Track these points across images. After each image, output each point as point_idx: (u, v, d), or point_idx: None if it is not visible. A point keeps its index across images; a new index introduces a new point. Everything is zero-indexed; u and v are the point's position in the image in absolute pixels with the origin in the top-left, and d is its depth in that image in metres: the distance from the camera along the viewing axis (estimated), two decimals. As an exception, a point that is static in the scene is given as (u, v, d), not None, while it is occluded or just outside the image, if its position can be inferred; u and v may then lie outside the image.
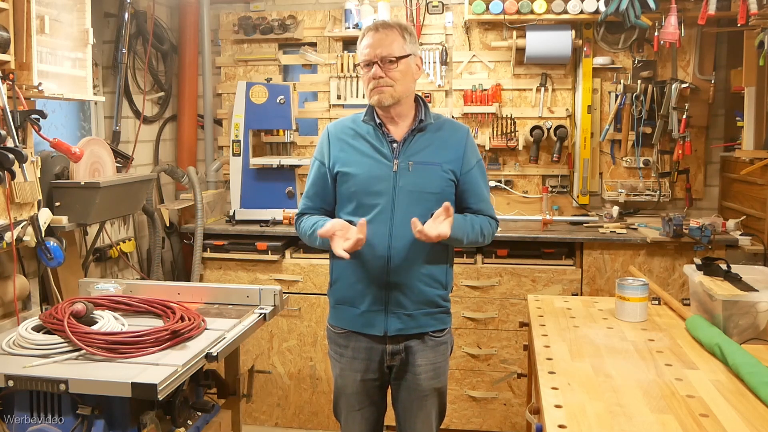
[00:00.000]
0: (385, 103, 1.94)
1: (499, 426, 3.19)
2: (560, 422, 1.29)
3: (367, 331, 2.00)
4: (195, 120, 3.80)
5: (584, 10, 3.31)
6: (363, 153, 1.98)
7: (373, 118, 2.00)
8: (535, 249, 3.14)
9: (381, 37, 1.93)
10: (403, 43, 1.95)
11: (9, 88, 2.05)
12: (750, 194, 3.11)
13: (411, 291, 1.97)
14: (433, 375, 2.03)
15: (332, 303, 2.09)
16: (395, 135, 1.99)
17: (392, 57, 1.92)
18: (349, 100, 3.70)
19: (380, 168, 1.96)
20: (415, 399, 2.05)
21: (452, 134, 2.03)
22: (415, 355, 2.01)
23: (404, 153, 1.97)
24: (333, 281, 2.07)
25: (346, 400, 2.08)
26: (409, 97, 2.01)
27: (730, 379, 1.52)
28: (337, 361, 2.08)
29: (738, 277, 1.85)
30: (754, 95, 3.05)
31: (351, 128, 2.03)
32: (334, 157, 2.01)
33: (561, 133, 3.48)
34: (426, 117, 2.01)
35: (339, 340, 2.07)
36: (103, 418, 1.64)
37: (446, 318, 2.06)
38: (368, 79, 1.95)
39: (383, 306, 1.97)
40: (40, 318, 1.84)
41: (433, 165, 1.97)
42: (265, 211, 3.38)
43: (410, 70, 1.97)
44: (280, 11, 3.76)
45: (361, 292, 1.98)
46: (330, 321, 2.11)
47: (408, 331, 1.99)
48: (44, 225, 2.22)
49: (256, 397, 3.26)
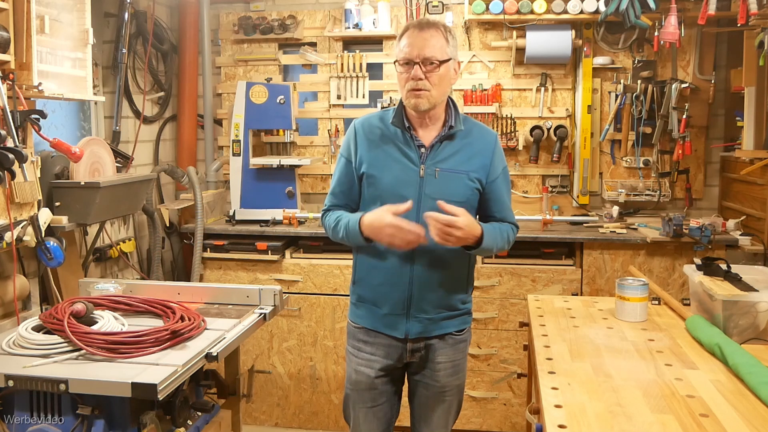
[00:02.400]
0: (422, 108, 1.89)
1: (499, 426, 3.19)
2: (560, 422, 1.29)
3: (389, 332, 1.99)
4: (195, 120, 3.80)
5: (584, 10, 3.31)
6: (391, 156, 1.94)
7: (403, 121, 1.95)
8: (535, 249, 3.14)
9: (426, 37, 1.85)
10: (446, 45, 1.88)
11: (9, 88, 2.05)
12: (750, 194, 3.11)
13: (433, 297, 1.96)
14: (452, 372, 2.04)
15: (354, 300, 2.07)
16: (424, 140, 1.94)
17: (435, 60, 1.85)
18: (349, 100, 3.70)
19: (407, 173, 1.92)
20: (432, 395, 2.05)
21: (480, 141, 1.98)
22: (435, 352, 2.00)
23: (431, 159, 1.92)
24: (356, 280, 2.06)
25: (360, 397, 2.05)
26: (443, 101, 1.95)
27: (730, 379, 1.52)
28: (354, 356, 2.06)
29: (738, 277, 1.85)
30: (754, 95, 3.05)
31: (379, 128, 1.98)
32: (361, 156, 1.97)
33: (561, 133, 3.48)
34: (456, 123, 1.95)
35: (359, 335, 2.05)
36: (103, 418, 1.64)
37: (467, 318, 2.07)
38: (406, 79, 1.88)
39: (405, 310, 1.96)
40: (40, 318, 1.84)
41: (460, 173, 1.93)
42: (265, 211, 3.38)
43: (449, 75, 1.91)
44: (280, 11, 3.76)
45: (383, 295, 1.97)
46: (351, 317, 2.09)
47: (429, 333, 1.98)
48: (44, 225, 2.22)
49: (256, 397, 3.26)
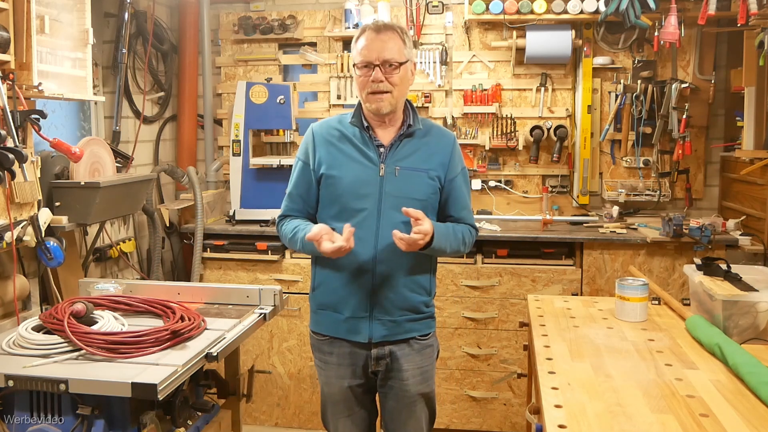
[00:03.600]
0: (384, 111, 1.90)
1: (499, 426, 3.19)
2: (560, 422, 1.29)
3: (351, 337, 1.96)
4: (195, 120, 3.80)
5: (584, 10, 3.31)
6: (349, 156, 1.94)
7: (361, 120, 1.95)
8: (535, 249, 3.14)
9: (384, 39, 1.87)
10: (403, 47, 1.90)
11: (9, 88, 2.04)
12: (750, 194, 3.11)
13: (396, 297, 1.93)
14: (420, 380, 2.00)
15: (314, 308, 2.04)
16: (382, 139, 1.95)
17: (394, 61, 1.87)
18: (349, 100, 3.69)
19: (366, 172, 1.92)
20: (403, 406, 2.00)
21: (439, 140, 1.99)
22: (400, 360, 1.97)
23: (391, 158, 1.93)
24: (315, 286, 2.02)
25: (335, 408, 2.04)
26: (402, 103, 1.96)
27: (730, 379, 1.52)
28: (323, 369, 2.04)
29: (738, 277, 1.85)
30: (754, 95, 3.05)
31: (337, 129, 1.98)
32: (320, 158, 1.97)
33: (561, 133, 3.48)
34: (414, 122, 1.96)
35: (323, 347, 2.02)
36: (103, 418, 1.64)
37: (431, 322, 2.04)
38: (365, 82, 1.89)
39: (368, 312, 1.94)
40: (40, 318, 1.84)
41: (420, 171, 1.93)
42: (265, 211, 3.38)
43: (407, 76, 1.93)
44: (280, 11, 3.76)
45: (344, 298, 1.95)
46: (312, 327, 2.06)
47: (393, 337, 1.96)
48: (44, 225, 2.22)
49: (256, 397, 3.26)
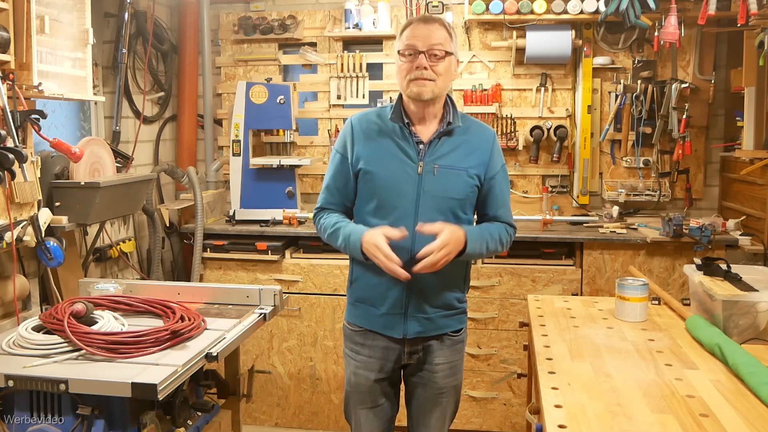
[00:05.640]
0: (425, 97, 1.85)
1: (499, 426, 3.19)
2: (560, 422, 1.29)
3: (387, 332, 1.97)
4: (195, 120, 3.80)
5: (584, 10, 3.31)
6: (388, 152, 1.91)
7: (401, 116, 1.93)
8: (535, 249, 3.14)
9: (431, 29, 1.86)
10: (449, 39, 1.89)
11: (9, 88, 2.05)
12: (750, 194, 3.11)
13: (431, 295, 1.94)
14: (450, 373, 2.03)
15: (351, 300, 2.05)
16: (422, 136, 1.92)
17: (441, 49, 1.85)
18: (349, 100, 3.70)
19: (405, 170, 1.90)
20: (430, 396, 2.04)
21: (479, 137, 1.97)
22: (433, 354, 2.00)
23: (430, 155, 1.90)
24: (353, 280, 2.03)
25: (360, 398, 2.05)
26: (443, 97, 1.93)
27: (730, 379, 1.52)
28: (352, 359, 2.05)
29: (738, 277, 1.85)
30: (754, 95, 3.05)
31: (376, 124, 1.95)
32: (358, 152, 1.94)
33: (561, 133, 3.48)
34: (454, 119, 1.94)
35: (356, 338, 2.03)
36: (103, 418, 1.64)
37: (463, 317, 2.06)
38: (408, 69, 1.85)
39: (403, 309, 1.94)
40: (40, 318, 1.84)
41: (459, 170, 1.91)
42: (265, 211, 3.38)
43: (452, 69, 1.91)
44: (280, 11, 3.76)
45: (381, 294, 1.95)
46: (348, 318, 2.07)
47: (427, 334, 1.97)
48: (44, 225, 2.22)
49: (256, 397, 3.26)
